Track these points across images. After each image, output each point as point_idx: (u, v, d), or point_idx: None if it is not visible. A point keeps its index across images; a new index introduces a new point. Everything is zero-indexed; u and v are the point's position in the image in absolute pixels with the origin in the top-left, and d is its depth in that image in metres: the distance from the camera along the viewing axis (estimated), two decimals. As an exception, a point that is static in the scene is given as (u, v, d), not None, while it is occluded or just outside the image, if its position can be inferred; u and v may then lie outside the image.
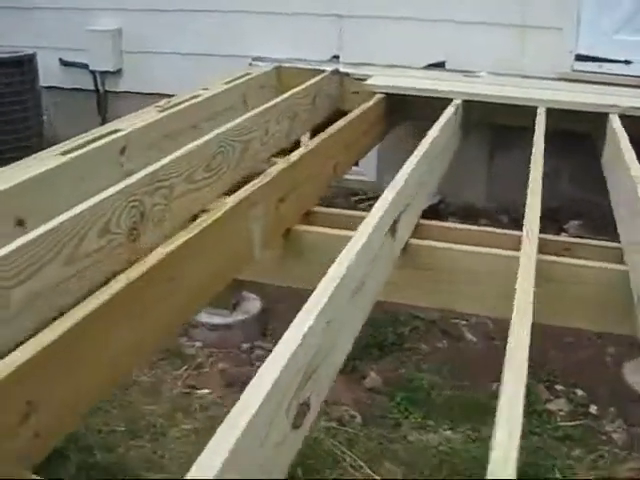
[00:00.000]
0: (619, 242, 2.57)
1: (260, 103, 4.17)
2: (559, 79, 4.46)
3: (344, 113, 4.30)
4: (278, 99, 3.49)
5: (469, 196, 4.80)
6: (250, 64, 4.68)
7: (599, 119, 3.65)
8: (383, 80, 3.93)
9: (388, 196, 2.20)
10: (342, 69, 4.38)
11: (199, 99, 3.39)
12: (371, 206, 4.64)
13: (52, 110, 5.37)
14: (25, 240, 1.67)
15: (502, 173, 4.74)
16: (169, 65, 5.10)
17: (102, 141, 2.56)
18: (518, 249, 2.20)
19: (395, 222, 2.25)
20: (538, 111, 3.62)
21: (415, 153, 2.70)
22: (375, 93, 3.76)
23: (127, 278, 1.61)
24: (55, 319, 1.58)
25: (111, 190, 2.07)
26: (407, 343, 3.40)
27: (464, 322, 3.56)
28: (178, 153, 2.46)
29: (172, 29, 5.06)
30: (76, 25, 5.21)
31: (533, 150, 2.98)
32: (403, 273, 2.49)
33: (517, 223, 4.55)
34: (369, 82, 3.85)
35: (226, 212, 2.07)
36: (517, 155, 4.48)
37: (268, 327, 3.44)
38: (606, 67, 4.49)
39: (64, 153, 2.48)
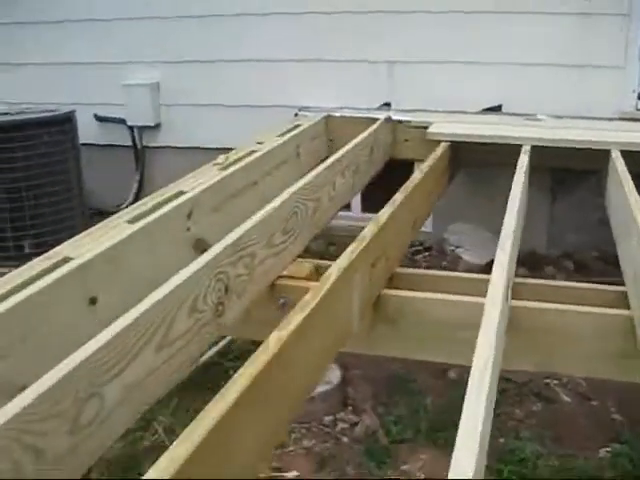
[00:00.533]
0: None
1: (312, 155, 4.01)
2: (622, 119, 4.28)
3: (397, 162, 4.16)
4: (342, 152, 3.28)
5: (531, 243, 4.57)
6: (296, 114, 4.51)
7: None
8: (446, 127, 3.72)
9: (503, 260, 1.96)
10: (394, 116, 4.19)
11: (257, 155, 3.18)
12: (429, 258, 4.48)
13: (88, 167, 5.20)
14: (118, 329, 1.47)
15: (563, 218, 4.52)
16: (209, 118, 4.94)
17: (168, 206, 2.34)
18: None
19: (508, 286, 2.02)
20: (612, 154, 3.42)
21: (509, 207, 2.46)
22: (440, 141, 3.54)
23: (249, 374, 1.38)
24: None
25: (196, 264, 1.87)
26: (499, 408, 3.13)
27: (556, 382, 3.30)
28: (257, 218, 2.26)
29: (212, 80, 4.90)
30: (112, 79, 5.06)
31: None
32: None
33: (582, 269, 4.39)
34: (433, 130, 3.65)
35: (333, 284, 1.84)
36: (578, 199, 4.28)
37: (349, 397, 3.19)
38: (669, 105, 4.33)
39: (132, 220, 2.27)
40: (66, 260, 1.89)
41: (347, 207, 4.96)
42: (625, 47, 4.27)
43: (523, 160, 3.21)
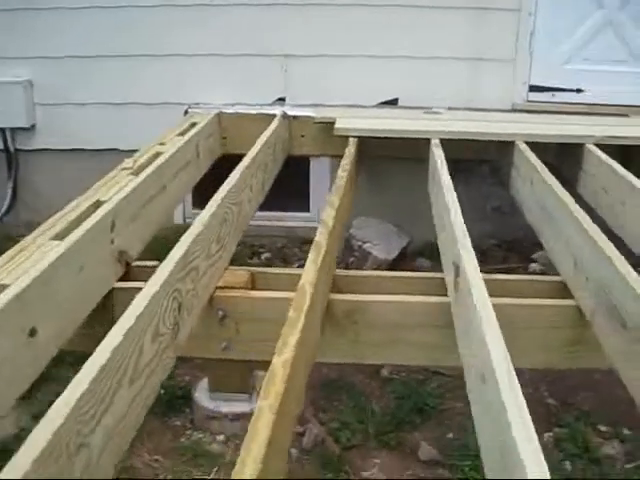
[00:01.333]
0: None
1: (209, 155, 3.85)
2: (514, 110, 4.38)
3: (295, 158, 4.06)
4: (254, 151, 3.15)
5: (431, 234, 4.59)
6: (186, 112, 4.30)
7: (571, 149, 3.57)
8: (354, 123, 3.65)
9: (468, 258, 1.90)
10: (290, 112, 4.09)
11: (163, 158, 2.99)
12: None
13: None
14: (94, 371, 1.30)
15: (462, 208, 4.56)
16: (93, 117, 4.62)
17: (92, 219, 2.14)
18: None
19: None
20: (519, 146, 3.47)
21: (448, 201, 2.42)
22: (349, 137, 3.46)
23: (269, 408, 1.23)
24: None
25: (152, 285, 1.71)
26: (443, 404, 3.11)
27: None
28: (196, 229, 2.11)
29: (94, 77, 4.57)
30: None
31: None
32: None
33: (484, 258, 4.45)
34: (341, 126, 3.56)
35: (311, 297, 1.72)
36: (474, 189, 4.34)
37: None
38: (559, 96, 4.48)
39: (56, 237, 2.06)
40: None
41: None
42: (516, 40, 4.36)
43: (438, 153, 3.18)
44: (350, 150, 3.24)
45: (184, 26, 4.38)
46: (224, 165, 3.69)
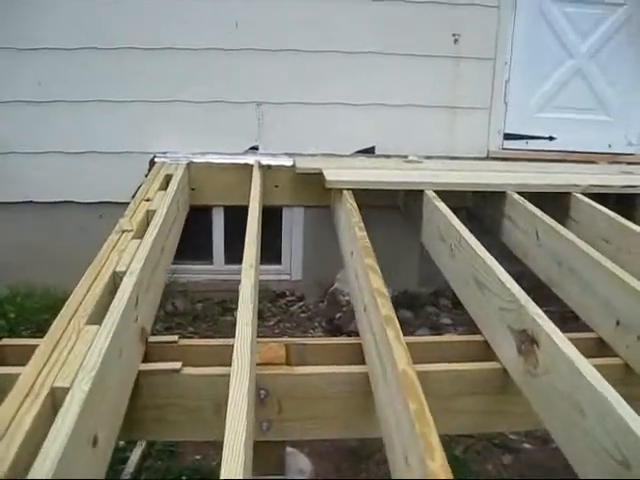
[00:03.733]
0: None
1: (184, 207, 3.66)
2: (489, 158, 4.37)
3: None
4: (254, 205, 2.98)
5: (403, 283, 4.50)
6: (152, 161, 4.09)
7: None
8: (342, 174, 3.52)
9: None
10: (264, 161, 3.94)
11: (160, 217, 2.79)
12: (305, 309, 4.24)
13: None
14: None
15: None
16: (44, 167, 4.30)
17: (122, 298, 1.93)
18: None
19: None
20: (508, 195, 3.43)
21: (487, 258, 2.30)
22: (342, 189, 3.32)
23: None
24: None
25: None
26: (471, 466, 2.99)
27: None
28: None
29: (47, 124, 4.26)
30: None
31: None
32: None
33: (458, 306, 4.38)
34: (334, 178, 3.42)
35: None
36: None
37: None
38: (532, 144, 4.50)
39: (91, 321, 1.83)
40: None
41: (206, 260, 4.62)
42: (491, 89, 4.36)
43: (440, 206, 3.08)
44: (351, 203, 3.10)
45: (146, 71, 4.16)
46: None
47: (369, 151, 4.30)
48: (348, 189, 3.34)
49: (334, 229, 3.38)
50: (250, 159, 3.98)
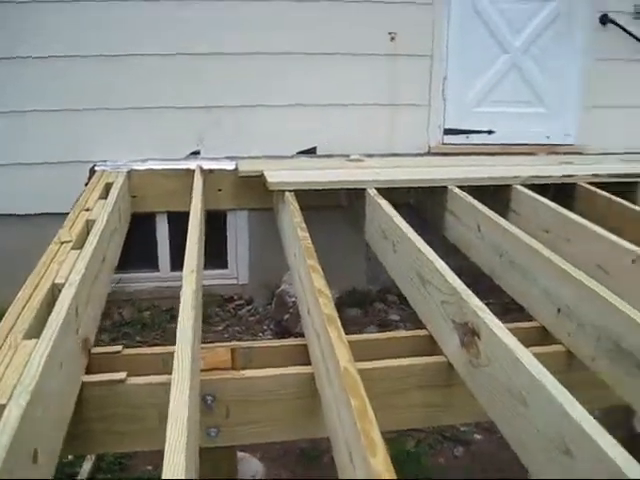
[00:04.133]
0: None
1: (125, 216, 3.61)
2: (431, 154, 4.41)
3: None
4: (196, 209, 2.96)
5: (351, 281, 4.51)
6: (93, 170, 4.03)
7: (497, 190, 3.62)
8: (284, 176, 3.51)
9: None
10: (206, 165, 3.92)
11: (99, 227, 2.74)
12: (254, 312, 4.22)
13: None
14: None
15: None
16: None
17: (60, 310, 1.88)
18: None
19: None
20: (449, 189, 3.47)
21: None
22: (284, 191, 3.32)
23: None
24: None
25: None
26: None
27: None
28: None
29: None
30: None
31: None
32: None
33: (405, 301, 4.42)
34: (275, 180, 3.42)
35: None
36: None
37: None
38: (472, 138, 4.55)
39: (28, 335, 1.80)
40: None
41: (152, 267, 4.57)
42: (429, 86, 4.40)
43: (382, 203, 3.10)
44: (294, 205, 3.09)
45: (84, 79, 4.09)
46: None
47: (311, 151, 4.31)
48: (290, 190, 3.33)
49: (279, 231, 3.38)
50: (192, 164, 3.95)
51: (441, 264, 2.26)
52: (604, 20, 4.63)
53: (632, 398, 1.94)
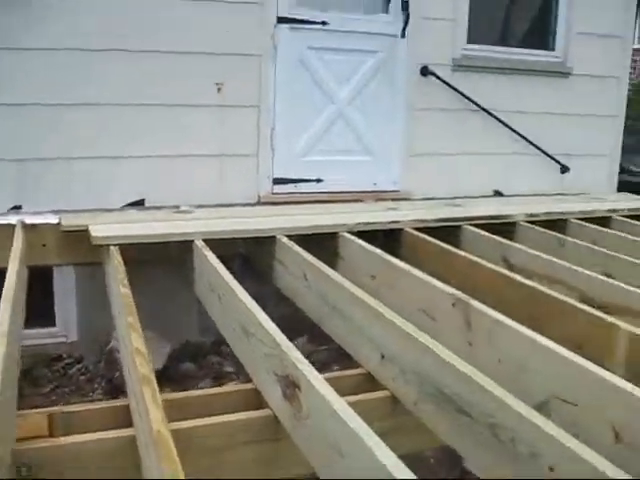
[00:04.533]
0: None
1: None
2: (261, 203, 4.44)
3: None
4: (12, 270, 2.80)
5: (184, 334, 4.43)
6: None
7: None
8: (109, 230, 3.42)
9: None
10: (28, 220, 3.75)
11: None
12: (84, 371, 4.06)
13: None
14: None
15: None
16: None
17: None
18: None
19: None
20: (278, 239, 3.50)
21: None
22: (109, 245, 3.23)
23: None
24: None
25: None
26: None
27: None
28: None
29: None
30: None
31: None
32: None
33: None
34: (99, 234, 3.32)
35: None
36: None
37: None
38: (301, 187, 4.63)
39: None
40: None
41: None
42: (257, 136, 4.45)
43: (208, 255, 3.08)
44: (118, 260, 3.01)
45: None
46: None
47: (139, 203, 4.22)
48: (115, 245, 3.25)
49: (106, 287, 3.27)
50: (12, 219, 3.76)
51: (263, 317, 2.26)
52: (425, 72, 4.88)
53: (453, 440, 2.00)
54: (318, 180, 4.67)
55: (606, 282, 3.17)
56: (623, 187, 5.91)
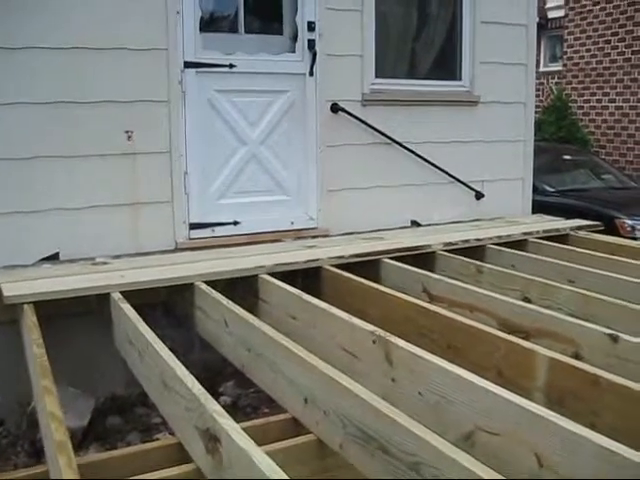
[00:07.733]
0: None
1: None
2: (178, 249, 4.41)
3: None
4: None
5: (110, 388, 4.32)
6: None
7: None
8: (22, 288, 3.34)
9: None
10: None
11: None
12: (6, 434, 3.92)
13: None
14: None
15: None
16: None
17: None
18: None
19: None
20: (196, 285, 3.49)
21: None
22: (23, 304, 3.15)
23: None
24: None
25: None
26: None
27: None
28: None
29: None
30: None
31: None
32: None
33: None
34: (12, 293, 3.24)
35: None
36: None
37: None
38: (218, 230, 4.61)
39: None
40: None
41: None
42: (171, 182, 4.41)
43: (125, 308, 3.04)
44: (32, 320, 2.94)
45: None
46: None
47: (54, 257, 4.12)
48: (30, 302, 3.18)
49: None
50: None
51: (182, 370, 2.24)
52: (335, 109, 4.94)
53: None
54: (235, 223, 4.65)
55: (524, 307, 3.26)
56: (538, 207, 6.08)
